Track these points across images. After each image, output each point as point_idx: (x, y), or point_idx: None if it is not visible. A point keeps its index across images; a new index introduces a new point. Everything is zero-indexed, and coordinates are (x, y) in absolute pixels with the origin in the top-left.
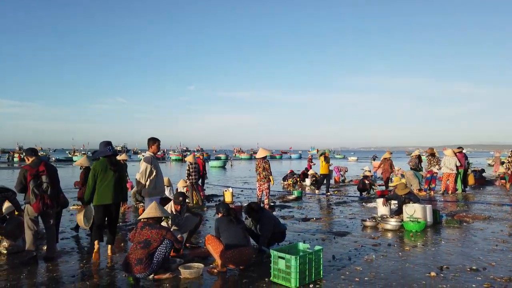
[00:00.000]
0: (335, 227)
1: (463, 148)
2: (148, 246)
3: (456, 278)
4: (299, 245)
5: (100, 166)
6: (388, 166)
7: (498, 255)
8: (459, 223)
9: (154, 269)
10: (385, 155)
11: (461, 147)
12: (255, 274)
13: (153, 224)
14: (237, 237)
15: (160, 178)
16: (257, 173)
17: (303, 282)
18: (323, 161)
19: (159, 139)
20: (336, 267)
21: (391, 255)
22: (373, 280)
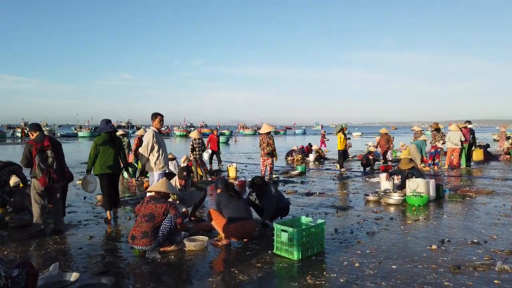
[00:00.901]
0: (338, 202)
1: (471, 122)
2: (153, 220)
3: (457, 251)
4: (302, 218)
5: (101, 140)
6: (384, 142)
7: (500, 229)
8: (462, 197)
9: (159, 242)
10: (381, 130)
11: (469, 121)
12: (259, 247)
13: (159, 198)
14: (239, 210)
15: (163, 152)
16: (261, 148)
17: (306, 254)
18: (341, 137)
19: (161, 114)
20: (338, 240)
21: (393, 228)
22: (374, 253)
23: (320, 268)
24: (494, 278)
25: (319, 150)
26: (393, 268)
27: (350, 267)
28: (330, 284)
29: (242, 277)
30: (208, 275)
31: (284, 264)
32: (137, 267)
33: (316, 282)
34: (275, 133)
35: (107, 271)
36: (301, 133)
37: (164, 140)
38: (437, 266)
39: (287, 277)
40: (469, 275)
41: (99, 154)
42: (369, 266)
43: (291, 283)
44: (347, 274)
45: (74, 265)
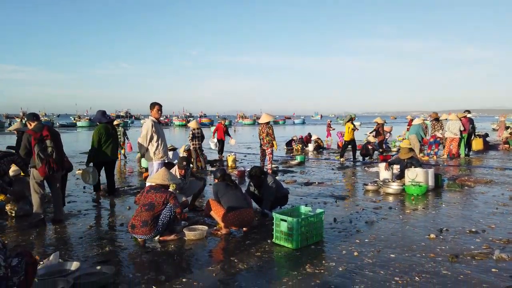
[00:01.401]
0: (337, 191)
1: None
2: (153, 209)
3: (455, 240)
4: (301, 208)
5: (103, 129)
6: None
7: (498, 218)
8: (460, 187)
9: (159, 231)
10: (376, 120)
11: (468, 110)
12: (258, 236)
13: (159, 188)
14: (237, 199)
15: (162, 142)
16: (260, 138)
17: (305, 243)
18: (350, 127)
19: (160, 103)
20: (337, 229)
21: (391, 218)
22: (373, 242)
23: (319, 257)
24: (492, 267)
25: (318, 140)
26: (391, 257)
27: (349, 256)
28: (329, 272)
29: (241, 265)
30: (207, 264)
31: (283, 253)
32: (137, 256)
33: (315, 271)
34: (274, 123)
35: (108, 260)
36: (300, 123)
37: (163, 129)
38: (435, 255)
39: (286, 266)
40: (467, 264)
41: (102, 142)
42: (368, 255)
43: (290, 272)
44: (346, 263)
45: (74, 254)
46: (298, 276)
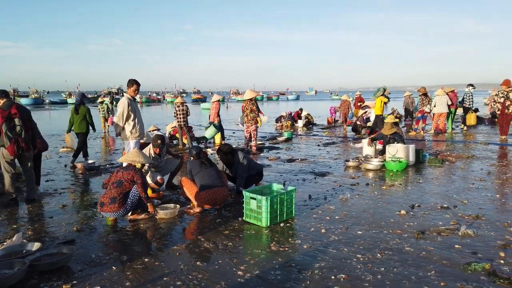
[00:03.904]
0: (318, 168)
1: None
2: (121, 185)
3: (425, 216)
4: (273, 185)
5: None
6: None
7: (472, 193)
8: (441, 162)
9: (128, 209)
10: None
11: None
12: (230, 214)
13: (128, 166)
14: (210, 178)
15: (139, 121)
16: (244, 114)
17: (274, 221)
18: (383, 101)
19: (138, 82)
20: (310, 207)
21: (366, 194)
22: (343, 219)
23: (287, 234)
24: (456, 243)
25: (308, 116)
26: (358, 234)
27: (316, 234)
28: (293, 250)
29: (207, 244)
30: (173, 243)
31: (252, 231)
32: (104, 236)
33: (279, 249)
34: (268, 99)
35: (73, 240)
36: (294, 99)
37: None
38: (402, 232)
39: (252, 244)
40: (431, 240)
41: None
42: (335, 232)
43: (254, 250)
44: (312, 240)
45: (42, 235)
46: (261, 254)
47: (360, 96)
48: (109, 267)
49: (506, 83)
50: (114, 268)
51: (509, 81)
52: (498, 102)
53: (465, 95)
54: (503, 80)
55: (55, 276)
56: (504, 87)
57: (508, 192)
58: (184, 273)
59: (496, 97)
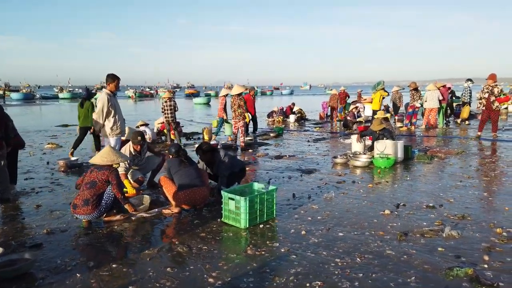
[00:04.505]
0: (306, 165)
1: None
2: (94, 186)
3: (410, 216)
4: (254, 185)
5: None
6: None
7: (459, 191)
8: (430, 158)
9: (102, 211)
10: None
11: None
12: (210, 215)
13: (101, 166)
14: (189, 177)
15: (119, 117)
16: (232, 110)
17: (254, 222)
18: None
19: (118, 77)
20: (293, 206)
21: (352, 192)
22: (325, 219)
23: (266, 237)
24: (439, 246)
25: (300, 110)
26: (339, 236)
27: (295, 236)
28: (270, 254)
29: (181, 248)
30: (145, 247)
31: (230, 233)
32: (74, 239)
33: (255, 253)
34: (262, 94)
35: (40, 244)
36: (288, 93)
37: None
38: (385, 233)
39: (228, 247)
40: (414, 243)
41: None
42: (316, 234)
43: (230, 255)
44: (291, 243)
45: (9, 238)
46: (236, 259)
47: (344, 91)
48: (74, 274)
49: (492, 77)
50: (78, 275)
51: (495, 76)
52: (483, 98)
53: (464, 90)
54: (489, 75)
55: (14, 284)
56: (490, 82)
57: (495, 190)
58: (152, 280)
59: (480, 92)
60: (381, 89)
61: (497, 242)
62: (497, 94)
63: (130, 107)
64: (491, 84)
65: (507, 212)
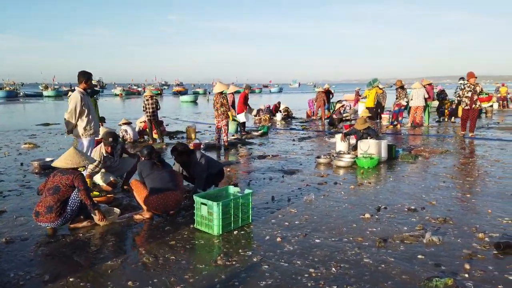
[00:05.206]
0: (288, 165)
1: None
2: (58, 192)
3: (390, 219)
4: (229, 188)
5: None
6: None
7: (442, 192)
8: (414, 158)
9: (67, 218)
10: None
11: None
12: (183, 220)
13: (66, 170)
14: (162, 180)
15: (93, 117)
16: (214, 109)
17: (228, 228)
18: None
19: (90, 73)
20: (271, 210)
21: (333, 194)
22: (303, 224)
23: (238, 245)
24: (420, 253)
25: (287, 109)
26: (316, 242)
27: (270, 243)
28: (241, 264)
29: (146, 258)
30: (109, 258)
31: (201, 241)
32: (34, 249)
33: (226, 263)
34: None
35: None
36: (276, 91)
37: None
38: (363, 239)
39: (197, 257)
40: (393, 249)
41: None
42: (291, 241)
43: (198, 265)
44: (264, 252)
45: None
46: (203, 270)
47: (328, 89)
48: None
49: (473, 75)
50: None
51: (473, 74)
52: (465, 97)
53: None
54: (468, 73)
55: None
56: (472, 80)
57: (479, 191)
58: None
59: (463, 91)
60: (376, 87)
61: (479, 248)
62: (479, 93)
63: (118, 105)
64: (473, 82)
65: (490, 215)
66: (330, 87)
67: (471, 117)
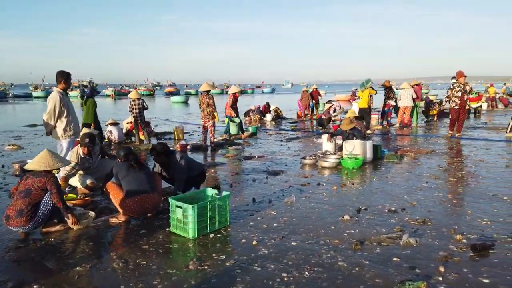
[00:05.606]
0: (273, 166)
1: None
2: (29, 195)
3: (369, 221)
4: (207, 190)
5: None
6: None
7: (424, 193)
8: (399, 158)
9: (39, 222)
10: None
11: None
12: (160, 223)
13: (38, 172)
14: (138, 183)
15: (72, 117)
16: (201, 109)
17: (204, 231)
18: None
19: (69, 73)
20: (250, 212)
21: (315, 195)
22: (281, 227)
23: (213, 248)
24: (395, 255)
25: (277, 109)
26: (292, 245)
27: (245, 247)
28: (213, 269)
29: (116, 264)
30: (78, 263)
31: (176, 245)
32: (1, 255)
33: (198, 268)
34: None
35: None
36: (269, 92)
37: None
38: (340, 241)
39: (169, 262)
40: (369, 252)
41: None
42: (267, 244)
43: (168, 271)
44: (238, 256)
45: None
46: (174, 276)
47: (316, 90)
48: None
49: (462, 74)
50: None
51: (463, 73)
52: (455, 97)
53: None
54: (458, 72)
55: None
56: (462, 80)
57: (461, 192)
58: None
59: (452, 90)
60: (369, 87)
61: (456, 250)
62: (468, 92)
63: (109, 106)
64: (462, 81)
65: (469, 216)
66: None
67: (462, 118)
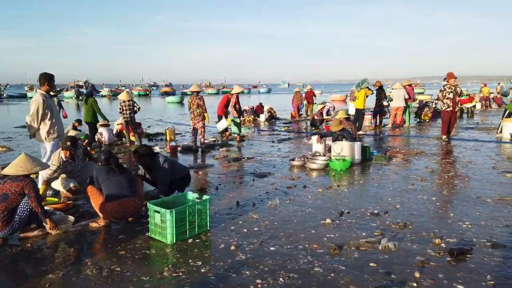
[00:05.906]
0: (262, 168)
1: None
2: (6, 200)
3: (351, 225)
4: (188, 194)
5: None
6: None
7: (408, 195)
8: (387, 159)
9: (15, 227)
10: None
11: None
12: (139, 228)
13: (16, 176)
14: (119, 187)
15: (56, 120)
16: (190, 111)
17: (183, 237)
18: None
19: (52, 75)
20: (232, 216)
21: (299, 198)
22: (262, 231)
23: (190, 254)
24: (372, 260)
25: (271, 110)
26: (270, 250)
27: (223, 252)
28: (187, 276)
29: (90, 271)
30: (52, 270)
31: (153, 250)
32: None
33: (172, 275)
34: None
35: None
36: (265, 92)
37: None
38: (319, 246)
39: (143, 269)
40: (347, 257)
41: None
42: (245, 249)
43: (142, 278)
44: (215, 262)
45: None
46: (146, 283)
47: (311, 90)
48: None
49: (452, 75)
50: None
51: (453, 74)
52: (447, 98)
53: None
54: (448, 73)
55: None
56: (452, 81)
57: (445, 194)
58: None
59: (443, 92)
60: (365, 88)
61: (433, 255)
62: (459, 94)
63: (105, 106)
64: (453, 83)
65: (451, 219)
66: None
67: (453, 119)
